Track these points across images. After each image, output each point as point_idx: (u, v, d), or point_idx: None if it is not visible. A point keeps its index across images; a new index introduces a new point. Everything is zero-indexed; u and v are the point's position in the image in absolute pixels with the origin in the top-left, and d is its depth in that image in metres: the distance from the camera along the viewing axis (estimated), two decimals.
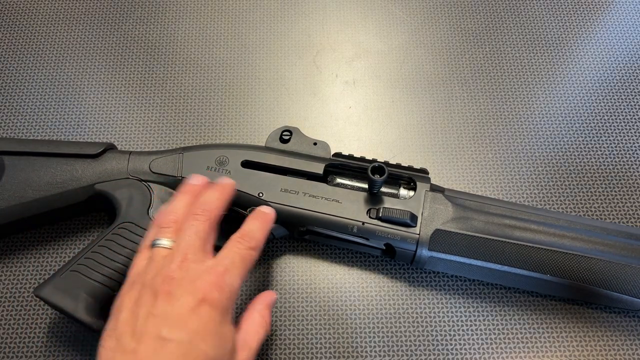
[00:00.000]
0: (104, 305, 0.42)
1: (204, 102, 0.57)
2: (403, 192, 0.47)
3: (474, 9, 0.63)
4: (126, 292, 0.39)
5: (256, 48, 0.60)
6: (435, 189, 0.47)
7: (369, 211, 0.45)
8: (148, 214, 0.46)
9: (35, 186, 0.46)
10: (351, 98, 0.58)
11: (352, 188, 0.47)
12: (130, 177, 0.47)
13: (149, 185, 0.47)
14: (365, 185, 0.47)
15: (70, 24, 0.61)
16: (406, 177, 0.47)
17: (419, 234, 0.44)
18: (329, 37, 0.61)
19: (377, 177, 0.43)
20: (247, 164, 0.48)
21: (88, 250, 0.44)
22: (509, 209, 0.46)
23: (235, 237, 0.41)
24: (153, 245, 0.40)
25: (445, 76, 0.59)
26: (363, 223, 0.45)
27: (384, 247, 0.46)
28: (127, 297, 0.38)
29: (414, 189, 0.47)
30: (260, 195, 0.46)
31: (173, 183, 0.47)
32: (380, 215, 0.45)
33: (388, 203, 0.46)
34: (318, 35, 0.61)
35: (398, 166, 0.48)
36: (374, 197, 0.46)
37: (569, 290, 0.45)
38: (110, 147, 0.49)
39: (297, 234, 0.48)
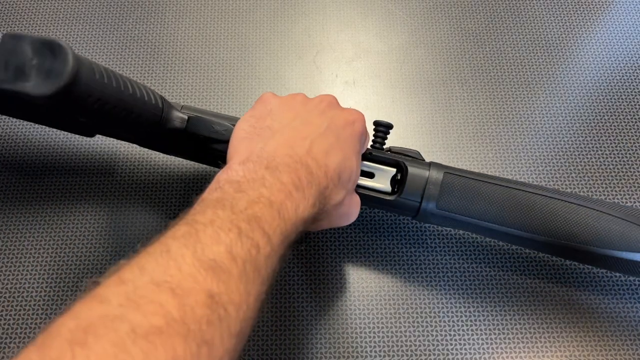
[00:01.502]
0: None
1: (204, 102, 0.57)
2: None
3: (474, 9, 0.63)
4: (278, 104, 0.41)
5: (256, 48, 0.60)
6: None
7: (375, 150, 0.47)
8: None
9: None
10: (351, 98, 0.58)
11: None
12: None
13: None
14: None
15: (70, 24, 0.61)
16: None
17: (429, 163, 0.45)
18: (329, 37, 0.61)
19: (382, 120, 0.46)
20: None
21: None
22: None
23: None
24: None
25: (445, 76, 0.59)
26: (371, 152, 0.46)
27: (391, 188, 0.45)
28: (282, 108, 0.41)
29: None
30: None
31: None
32: (389, 148, 0.46)
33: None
34: (318, 35, 0.61)
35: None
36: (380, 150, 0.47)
37: (568, 219, 0.44)
38: None
39: None
